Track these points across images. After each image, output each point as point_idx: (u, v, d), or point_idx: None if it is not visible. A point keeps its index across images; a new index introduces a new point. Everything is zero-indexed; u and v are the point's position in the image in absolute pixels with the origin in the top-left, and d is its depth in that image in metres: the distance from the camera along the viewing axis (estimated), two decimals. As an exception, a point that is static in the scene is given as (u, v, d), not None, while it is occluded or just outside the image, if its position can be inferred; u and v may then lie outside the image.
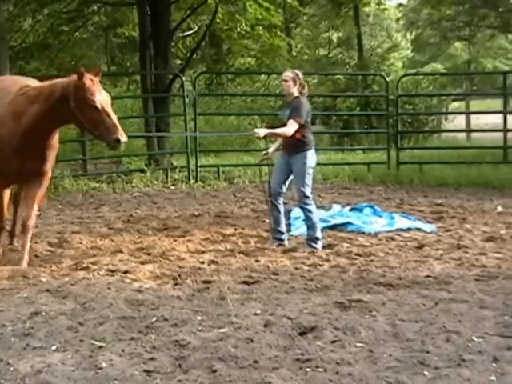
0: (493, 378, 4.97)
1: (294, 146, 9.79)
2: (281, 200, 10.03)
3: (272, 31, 25.89)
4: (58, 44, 26.61)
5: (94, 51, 34.00)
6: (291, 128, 9.60)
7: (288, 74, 9.92)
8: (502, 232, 10.79)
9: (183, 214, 12.87)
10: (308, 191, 9.80)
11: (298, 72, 9.99)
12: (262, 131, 9.76)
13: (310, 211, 9.84)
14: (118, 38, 31.34)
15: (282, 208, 10.01)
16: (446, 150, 20.78)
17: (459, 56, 51.19)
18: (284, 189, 10.03)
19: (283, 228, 10.14)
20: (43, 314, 6.62)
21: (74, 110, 8.35)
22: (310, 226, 9.88)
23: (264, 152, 10.32)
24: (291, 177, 9.93)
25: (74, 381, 5.00)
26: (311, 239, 9.88)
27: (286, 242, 10.09)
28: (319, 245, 9.85)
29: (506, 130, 18.63)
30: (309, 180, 9.83)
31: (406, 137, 24.36)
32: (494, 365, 5.19)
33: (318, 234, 9.92)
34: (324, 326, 6.07)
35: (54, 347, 5.69)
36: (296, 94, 9.83)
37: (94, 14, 26.65)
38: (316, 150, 10.13)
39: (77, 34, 27.63)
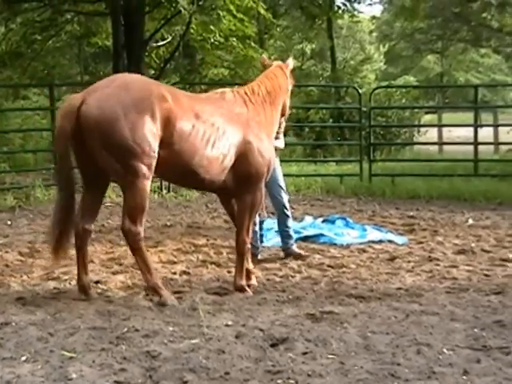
0: (463, 390, 5.00)
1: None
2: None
3: (246, 42, 25.85)
4: (31, 53, 26.45)
5: (68, 60, 33.85)
6: (283, 141, 9.66)
7: None
8: (473, 245, 10.86)
9: (155, 224, 12.82)
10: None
11: None
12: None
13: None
14: (92, 48, 31.16)
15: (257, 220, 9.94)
16: (417, 163, 20.90)
17: (432, 69, 51.70)
18: None
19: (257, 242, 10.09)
20: (13, 324, 6.57)
21: (289, 97, 8.92)
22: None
23: None
24: None
25: (43, 392, 4.97)
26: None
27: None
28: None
29: (476, 143, 18.76)
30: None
31: (378, 149, 24.44)
32: (464, 377, 5.21)
33: None
34: (295, 338, 6.07)
35: (23, 358, 5.64)
36: None
37: (68, 23, 26.47)
38: (288, 161, 10.15)
39: (50, 42, 27.42)
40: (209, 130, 7.62)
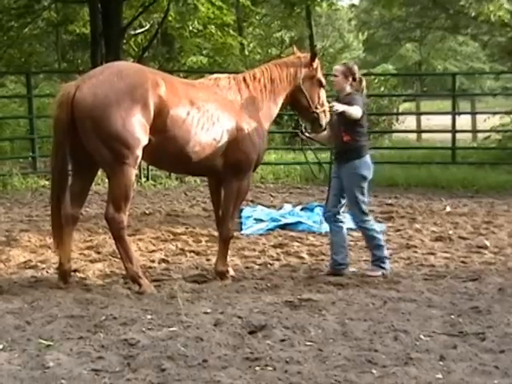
0: (439, 375, 5.02)
1: (344, 153, 8.65)
2: (339, 221, 8.63)
3: (224, 30, 25.83)
4: (7, 40, 26.30)
5: (45, 48, 33.63)
6: (359, 110, 8.25)
7: (337, 68, 8.76)
8: (451, 232, 10.93)
9: (134, 212, 12.75)
10: (363, 207, 8.51)
11: (351, 66, 8.76)
12: (340, 106, 8.11)
13: (369, 229, 8.57)
14: (69, 35, 31.01)
15: (343, 230, 8.62)
16: (396, 151, 20.94)
17: (410, 57, 51.64)
18: (341, 208, 8.73)
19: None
20: (-10, 313, 6.54)
21: (303, 90, 8.76)
22: (375, 245, 8.55)
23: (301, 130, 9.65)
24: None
25: (20, 380, 4.94)
26: (378, 259, 8.51)
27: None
28: (387, 265, 8.52)
29: (454, 131, 18.81)
30: (362, 194, 8.49)
31: (356, 137, 24.46)
32: (441, 363, 5.24)
33: (385, 252, 8.63)
34: (274, 325, 6.08)
35: (0, 346, 5.62)
36: (348, 90, 8.57)
37: (45, 10, 26.31)
38: (268, 149, 9.93)
39: (26, 30, 27.25)
40: (202, 117, 7.72)
